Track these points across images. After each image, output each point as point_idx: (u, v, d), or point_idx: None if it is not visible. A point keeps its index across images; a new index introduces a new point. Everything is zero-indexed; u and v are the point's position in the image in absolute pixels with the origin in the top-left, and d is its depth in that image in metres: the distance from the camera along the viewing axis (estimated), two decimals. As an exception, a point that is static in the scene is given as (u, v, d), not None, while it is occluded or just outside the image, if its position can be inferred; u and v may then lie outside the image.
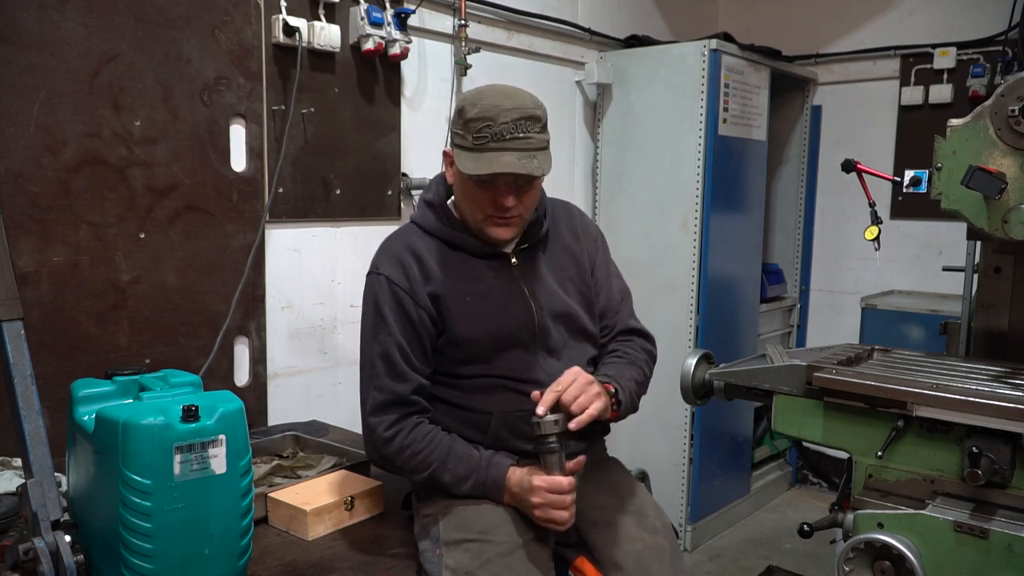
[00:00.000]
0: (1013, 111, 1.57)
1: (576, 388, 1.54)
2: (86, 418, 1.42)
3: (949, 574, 1.45)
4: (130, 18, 2.17)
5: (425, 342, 1.65)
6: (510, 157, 1.55)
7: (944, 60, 3.77)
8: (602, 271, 1.85)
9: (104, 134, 2.14)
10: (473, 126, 1.56)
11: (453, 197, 1.75)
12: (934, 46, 3.81)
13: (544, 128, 1.61)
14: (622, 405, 1.66)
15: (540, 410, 1.50)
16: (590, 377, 1.59)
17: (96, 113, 2.12)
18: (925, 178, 1.84)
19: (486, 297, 1.67)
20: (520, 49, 3.36)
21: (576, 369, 1.58)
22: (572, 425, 1.51)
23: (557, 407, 1.52)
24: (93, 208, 2.13)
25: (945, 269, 2.90)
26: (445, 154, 1.71)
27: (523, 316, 1.68)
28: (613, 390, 1.63)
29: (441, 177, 1.78)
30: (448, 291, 1.65)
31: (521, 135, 1.56)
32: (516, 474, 1.59)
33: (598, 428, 1.73)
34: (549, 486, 1.53)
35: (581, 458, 1.59)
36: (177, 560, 1.31)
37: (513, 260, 1.72)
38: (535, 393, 1.53)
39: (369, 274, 1.70)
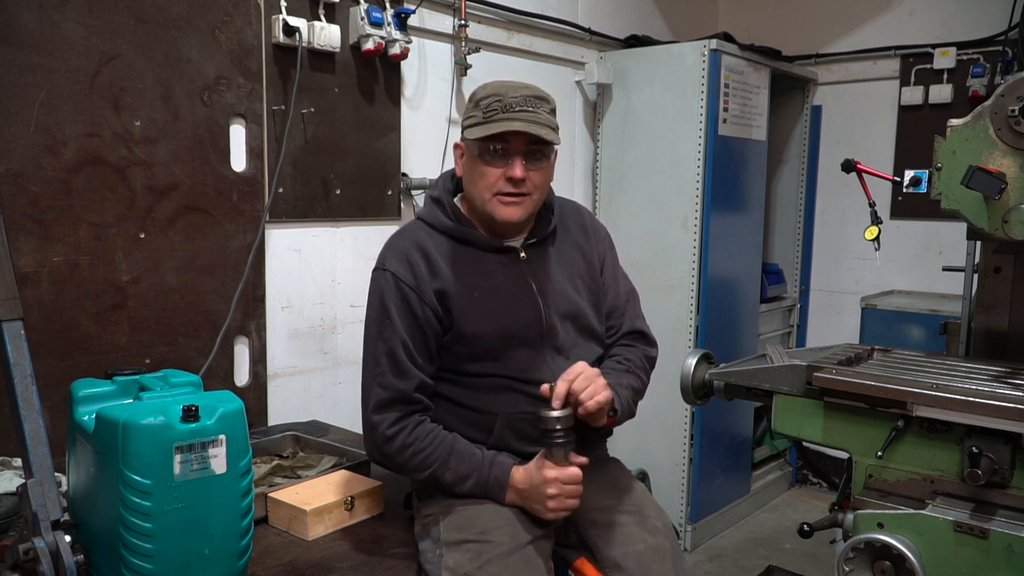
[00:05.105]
0: (1013, 111, 1.57)
1: (584, 379, 1.55)
2: (86, 418, 1.42)
3: (949, 574, 1.45)
4: (130, 18, 2.16)
5: (430, 340, 1.65)
6: (519, 122, 1.58)
7: (944, 60, 3.76)
8: (610, 271, 1.85)
9: (104, 134, 2.14)
10: (483, 103, 1.62)
11: (461, 193, 1.76)
12: (934, 46, 3.81)
13: (553, 112, 1.65)
14: (618, 413, 1.66)
15: (556, 403, 1.52)
16: (596, 370, 1.60)
17: (96, 113, 2.12)
18: (925, 178, 1.84)
19: (494, 292, 1.67)
20: (520, 49, 3.36)
21: (582, 363, 1.60)
22: (582, 410, 1.54)
23: (566, 400, 1.53)
24: (93, 208, 2.13)
25: (945, 269, 2.90)
26: (456, 146, 1.73)
27: (531, 314, 1.68)
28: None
29: (447, 174, 1.79)
30: (456, 287, 1.65)
31: (530, 109, 1.60)
32: (520, 472, 1.59)
33: (595, 435, 1.73)
34: (565, 477, 1.54)
35: (584, 459, 1.59)
36: (177, 560, 1.31)
37: (522, 255, 1.72)
38: (544, 386, 1.54)
39: (375, 270, 1.70)
